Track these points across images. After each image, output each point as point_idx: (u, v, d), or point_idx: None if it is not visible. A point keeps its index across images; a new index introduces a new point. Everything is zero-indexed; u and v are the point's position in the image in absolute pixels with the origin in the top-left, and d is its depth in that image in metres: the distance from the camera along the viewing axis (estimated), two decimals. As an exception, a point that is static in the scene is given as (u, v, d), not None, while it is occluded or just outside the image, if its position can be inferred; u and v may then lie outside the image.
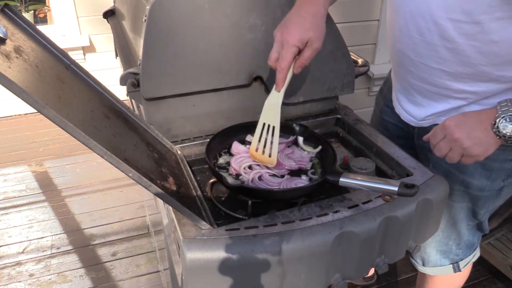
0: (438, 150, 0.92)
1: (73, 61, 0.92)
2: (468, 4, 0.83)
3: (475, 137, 0.87)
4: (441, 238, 1.22)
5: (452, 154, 0.90)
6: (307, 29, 0.87)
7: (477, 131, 0.87)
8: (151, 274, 1.95)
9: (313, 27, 0.88)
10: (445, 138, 0.90)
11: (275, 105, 0.95)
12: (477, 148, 0.87)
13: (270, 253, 0.77)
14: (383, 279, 1.91)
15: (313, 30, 0.88)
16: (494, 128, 0.85)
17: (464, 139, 0.87)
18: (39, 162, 2.70)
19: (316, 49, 0.89)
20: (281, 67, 0.88)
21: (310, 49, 0.89)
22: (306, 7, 0.90)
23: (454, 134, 0.88)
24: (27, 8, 3.59)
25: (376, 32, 2.67)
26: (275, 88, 0.93)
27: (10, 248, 2.08)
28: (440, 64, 0.96)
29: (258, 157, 0.99)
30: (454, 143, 0.88)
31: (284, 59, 0.87)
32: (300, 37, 0.87)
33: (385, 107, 1.30)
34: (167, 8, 0.98)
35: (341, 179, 0.86)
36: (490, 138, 0.86)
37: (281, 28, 0.90)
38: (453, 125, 0.88)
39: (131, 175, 0.70)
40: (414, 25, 0.95)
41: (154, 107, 1.06)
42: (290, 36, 0.87)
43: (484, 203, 1.12)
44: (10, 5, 0.81)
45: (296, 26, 0.87)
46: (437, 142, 0.91)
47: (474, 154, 0.87)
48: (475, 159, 0.89)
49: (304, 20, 0.88)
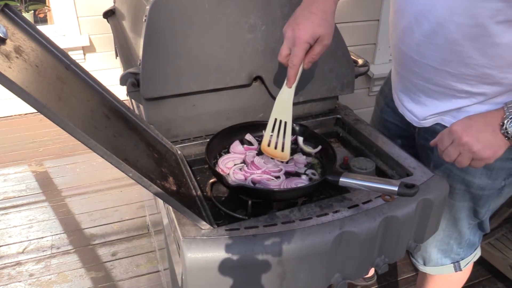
0: (447, 156, 0.91)
1: (73, 61, 0.92)
2: (473, 7, 0.83)
3: (483, 140, 0.86)
4: (442, 238, 1.22)
5: (462, 159, 0.89)
6: (318, 25, 0.88)
7: (485, 134, 0.86)
8: (151, 274, 1.95)
9: (324, 23, 0.89)
10: (453, 143, 0.89)
11: (287, 101, 0.96)
12: (486, 151, 0.86)
13: (270, 253, 0.77)
14: (383, 279, 1.91)
15: (324, 26, 0.89)
16: (502, 129, 0.85)
17: (473, 143, 0.86)
18: (39, 162, 2.70)
19: (326, 45, 0.90)
20: (293, 63, 0.89)
21: (321, 45, 0.90)
22: (317, 3, 0.90)
23: (462, 139, 0.87)
24: (27, 8, 3.59)
25: (376, 32, 2.67)
26: (287, 84, 0.94)
27: (10, 248, 2.08)
28: (443, 65, 0.96)
29: (270, 151, 1.00)
30: (463, 147, 0.87)
31: (296, 56, 0.88)
32: (311, 33, 0.87)
33: (386, 106, 1.29)
34: (167, 8, 0.98)
35: (341, 179, 0.86)
36: (499, 140, 0.86)
37: (291, 24, 0.90)
38: (461, 129, 0.88)
39: (131, 175, 0.70)
40: (418, 26, 0.95)
41: (154, 107, 1.06)
42: (302, 32, 0.87)
43: (485, 202, 1.12)
44: (10, 5, 0.81)
45: (308, 23, 0.88)
46: (445, 148, 0.91)
47: (484, 157, 0.87)
48: (485, 162, 0.88)
49: (315, 17, 0.88)
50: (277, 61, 0.94)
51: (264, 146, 1.01)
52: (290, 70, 0.91)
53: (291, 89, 0.94)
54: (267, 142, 1.00)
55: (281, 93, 0.96)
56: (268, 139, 1.00)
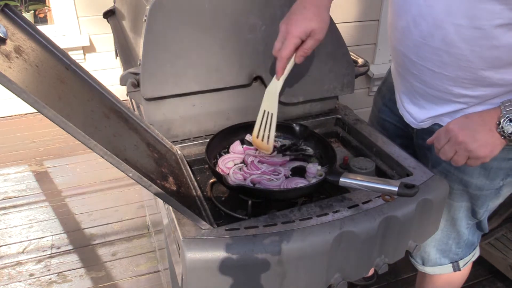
0: (443, 154, 0.91)
1: (73, 61, 0.92)
2: (471, 9, 0.83)
3: (479, 139, 0.86)
4: (441, 237, 1.22)
5: (458, 157, 0.89)
6: (310, 20, 0.89)
7: (482, 133, 0.86)
8: (151, 274, 1.95)
9: (316, 18, 0.89)
10: (450, 141, 0.89)
11: (274, 92, 0.97)
12: (482, 149, 0.86)
13: (270, 253, 0.77)
14: (383, 279, 1.91)
15: (316, 21, 0.89)
16: (499, 128, 0.85)
17: (469, 142, 0.86)
18: (39, 162, 2.70)
19: (318, 39, 0.91)
20: (282, 55, 0.90)
21: (312, 40, 0.90)
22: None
23: (458, 138, 0.87)
24: (27, 8, 3.59)
25: (376, 32, 2.67)
26: (275, 76, 0.95)
27: (10, 248, 2.08)
28: (441, 68, 0.95)
29: (258, 143, 1.01)
30: (459, 146, 0.88)
31: (286, 49, 0.89)
32: (303, 28, 0.88)
33: (384, 106, 1.29)
34: (167, 8, 0.98)
35: (341, 179, 0.86)
36: (495, 139, 0.86)
37: (286, 19, 0.91)
38: (457, 128, 0.88)
39: (131, 175, 0.70)
40: (416, 28, 0.95)
41: (154, 107, 1.06)
42: (293, 27, 0.89)
43: (483, 202, 1.12)
44: (10, 5, 0.81)
45: (300, 18, 0.89)
46: (442, 146, 0.91)
47: (480, 156, 0.87)
48: (481, 161, 0.88)
49: (308, 11, 0.89)
50: (277, 61, 0.94)
51: (253, 138, 1.02)
52: (279, 63, 0.92)
53: (280, 81, 0.95)
54: (256, 133, 1.01)
55: (269, 85, 0.98)
56: (257, 131, 1.01)
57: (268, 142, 1.00)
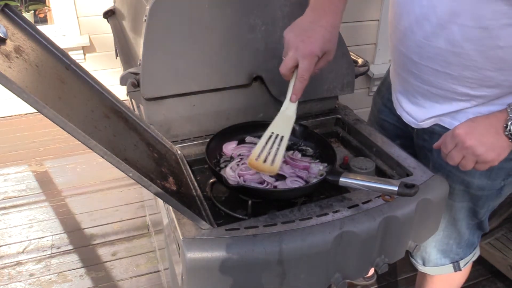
0: (450, 159, 0.91)
1: (73, 61, 0.92)
2: (476, 9, 0.83)
3: (487, 143, 0.86)
4: (442, 238, 1.22)
5: (466, 162, 0.89)
6: (328, 41, 0.87)
7: (489, 136, 0.86)
8: (151, 274, 1.95)
9: (333, 39, 0.88)
10: (457, 146, 0.89)
11: (290, 116, 0.90)
12: (490, 153, 0.86)
13: (270, 253, 0.77)
14: (383, 279, 1.91)
15: (332, 42, 0.88)
16: (506, 131, 0.84)
17: (477, 146, 0.86)
18: (39, 162, 2.70)
19: (329, 60, 0.90)
20: (304, 77, 0.85)
21: (325, 60, 0.89)
22: (327, 18, 0.88)
23: (465, 142, 0.87)
24: (27, 8, 3.59)
25: (376, 32, 2.67)
26: (291, 98, 0.89)
27: (10, 248, 2.09)
28: (445, 67, 0.95)
29: (259, 166, 0.91)
30: (467, 151, 0.87)
31: (308, 70, 0.85)
32: (321, 47, 0.86)
33: (383, 106, 1.29)
34: (167, 8, 0.98)
35: (341, 179, 0.86)
36: (503, 142, 0.85)
37: (301, 36, 0.86)
38: (464, 133, 0.87)
39: (131, 175, 0.70)
40: (419, 28, 0.94)
41: (154, 107, 1.06)
42: (313, 46, 0.85)
43: (485, 203, 1.12)
44: (10, 5, 0.81)
45: (319, 37, 0.86)
46: (449, 151, 0.90)
47: (488, 160, 0.87)
48: (489, 165, 0.88)
49: (326, 31, 0.87)
50: (277, 61, 0.94)
51: (251, 161, 0.91)
52: (299, 84, 0.86)
53: (295, 104, 0.90)
54: (256, 156, 0.91)
55: (285, 108, 0.90)
56: (257, 154, 0.91)
57: (274, 164, 0.90)
